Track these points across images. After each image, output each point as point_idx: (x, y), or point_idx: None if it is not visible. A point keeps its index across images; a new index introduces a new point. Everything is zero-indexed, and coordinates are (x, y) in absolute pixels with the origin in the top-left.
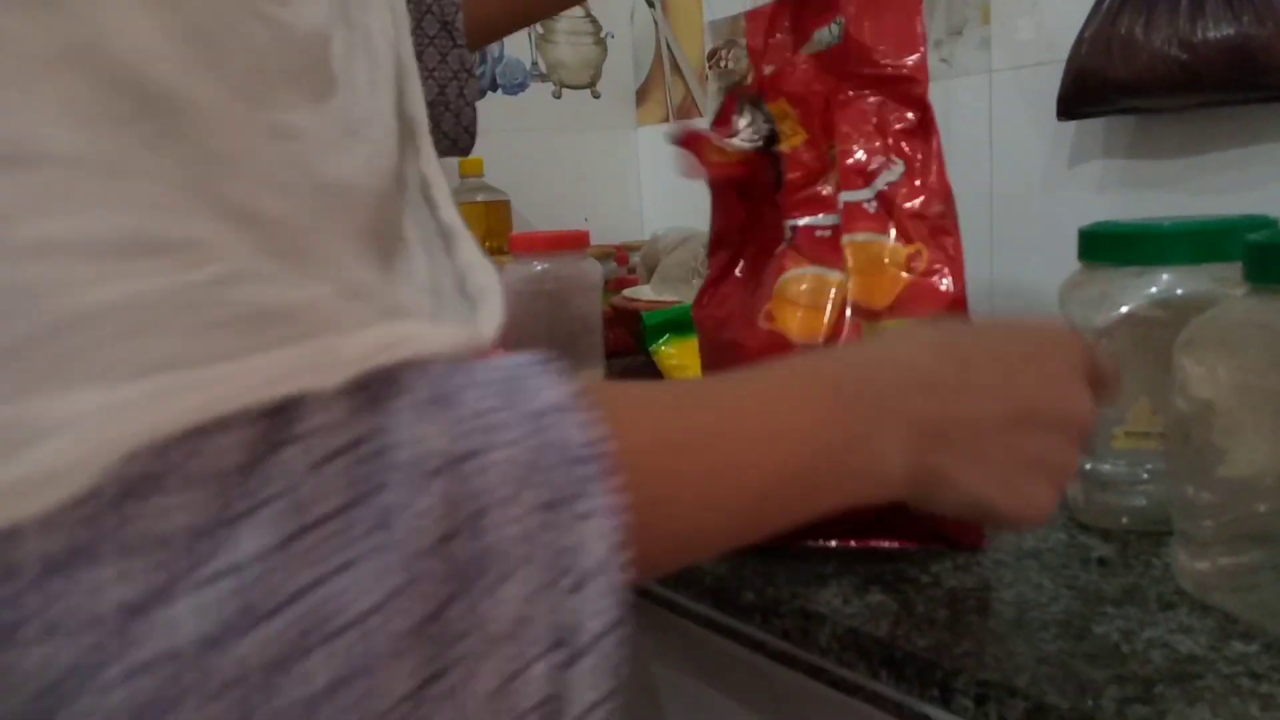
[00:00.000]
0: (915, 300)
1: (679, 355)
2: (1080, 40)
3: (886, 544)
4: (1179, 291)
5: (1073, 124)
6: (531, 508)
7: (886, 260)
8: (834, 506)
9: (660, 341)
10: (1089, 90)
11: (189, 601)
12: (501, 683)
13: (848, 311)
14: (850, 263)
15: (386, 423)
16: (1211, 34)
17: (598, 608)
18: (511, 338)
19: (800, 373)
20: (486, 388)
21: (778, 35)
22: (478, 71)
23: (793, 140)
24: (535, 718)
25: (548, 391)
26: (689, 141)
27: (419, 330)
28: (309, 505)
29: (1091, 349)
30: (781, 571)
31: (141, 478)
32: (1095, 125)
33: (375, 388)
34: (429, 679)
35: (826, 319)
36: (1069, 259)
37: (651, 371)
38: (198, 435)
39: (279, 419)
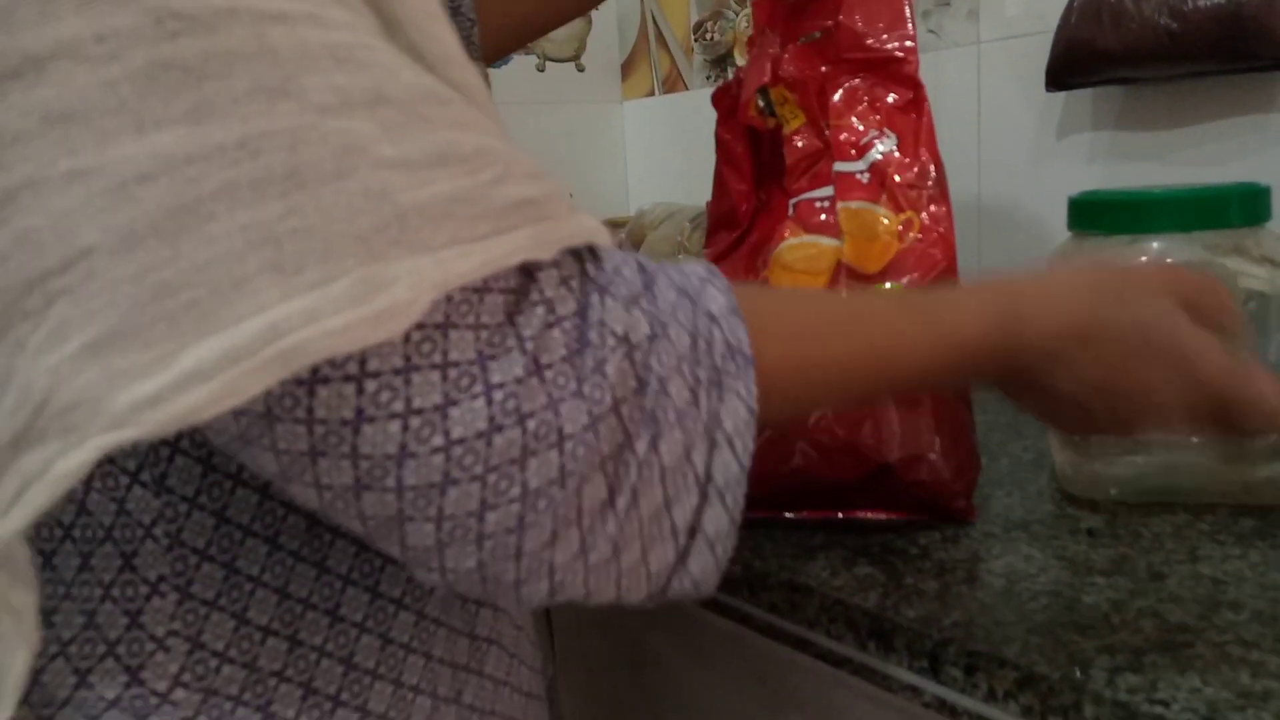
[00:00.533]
0: (907, 265)
1: None
2: (1069, 10)
3: (874, 515)
4: (1169, 260)
5: (1062, 95)
6: (696, 382)
7: (879, 227)
8: (929, 370)
9: None
10: (1078, 60)
11: (464, 408)
12: (659, 508)
13: (842, 276)
14: (844, 228)
15: (602, 301)
16: (1202, 2)
17: (729, 463)
18: None
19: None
20: (675, 290)
21: (778, 25)
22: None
23: (793, 123)
24: (682, 538)
25: (718, 299)
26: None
27: (597, 224)
28: (541, 354)
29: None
30: (769, 544)
31: (443, 321)
32: (1084, 96)
33: (591, 267)
34: (610, 495)
35: (822, 284)
36: (1057, 229)
37: None
38: (475, 293)
39: (527, 287)
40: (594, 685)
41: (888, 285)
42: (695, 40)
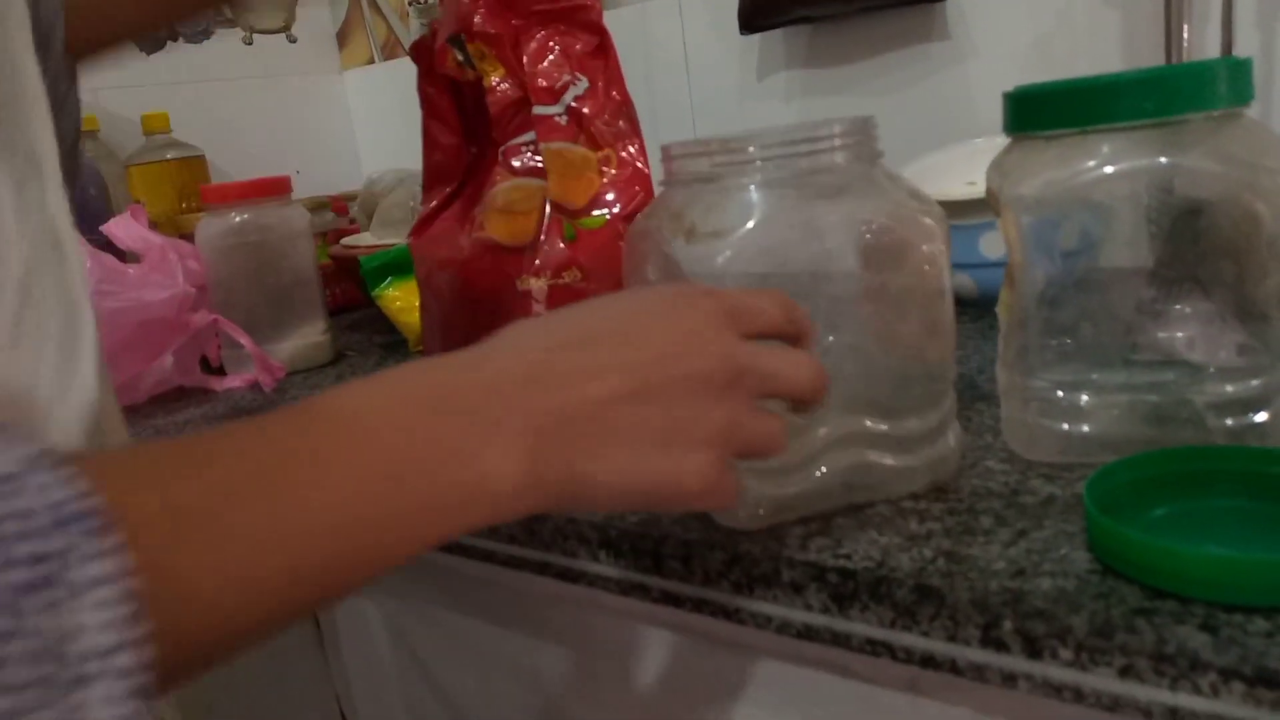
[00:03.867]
0: (609, 199)
1: (404, 297)
2: None
3: None
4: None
5: (757, 38)
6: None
7: (580, 164)
8: (439, 538)
9: (383, 285)
10: (763, 3)
11: None
12: None
13: (549, 212)
14: (547, 168)
15: None
16: None
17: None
18: (218, 299)
19: (384, 396)
20: None
21: None
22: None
23: (493, 75)
24: None
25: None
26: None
27: None
28: None
29: (742, 295)
30: None
31: None
32: (776, 37)
33: None
34: None
35: (533, 222)
36: None
37: (380, 322)
38: None
39: None
40: (367, 659)
41: (594, 214)
42: (410, 4)
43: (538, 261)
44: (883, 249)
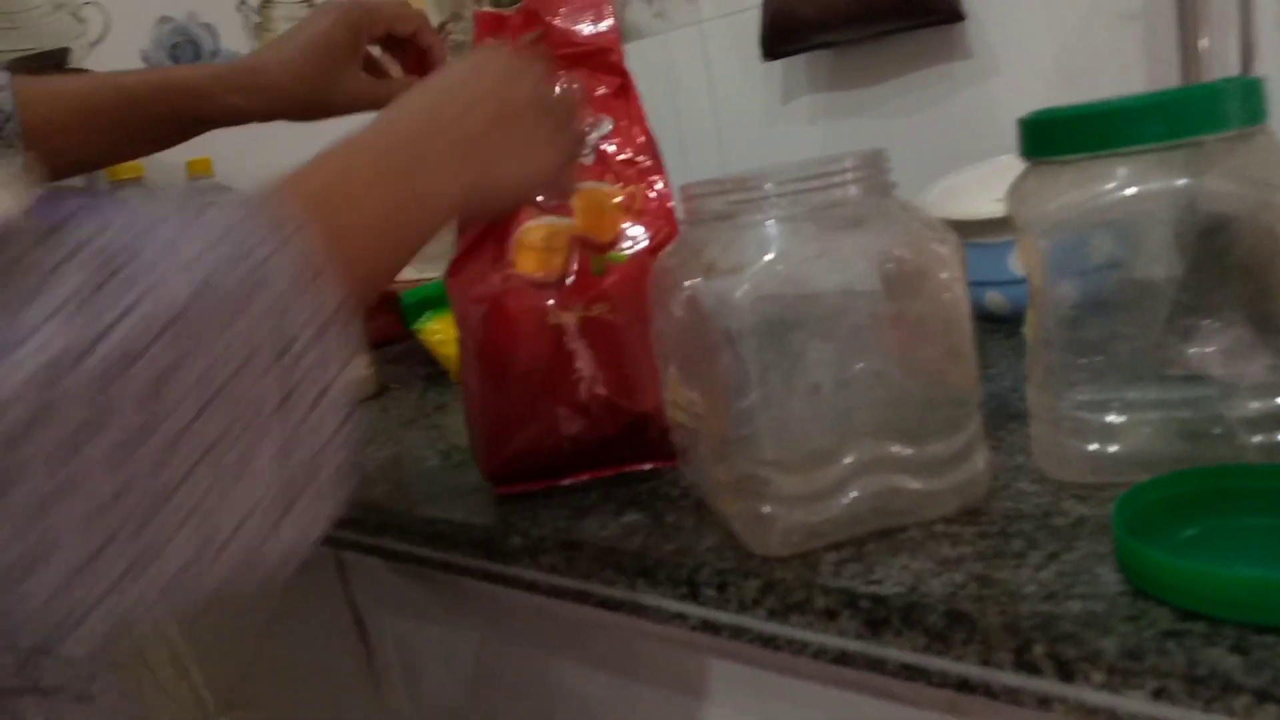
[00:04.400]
0: (634, 232)
1: (443, 330)
2: None
3: (641, 466)
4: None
5: (780, 63)
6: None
7: (606, 203)
8: (433, 227)
9: (423, 319)
10: (784, 30)
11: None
12: (248, 394)
13: (577, 248)
14: (577, 206)
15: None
16: None
17: (305, 317)
18: None
19: (394, 149)
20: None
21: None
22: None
23: None
24: (275, 407)
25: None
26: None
27: None
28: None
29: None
30: (545, 512)
31: None
32: (799, 62)
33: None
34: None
35: (562, 258)
36: None
37: (421, 354)
38: None
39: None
40: (418, 680)
41: (621, 249)
42: None
43: (567, 296)
44: (901, 278)
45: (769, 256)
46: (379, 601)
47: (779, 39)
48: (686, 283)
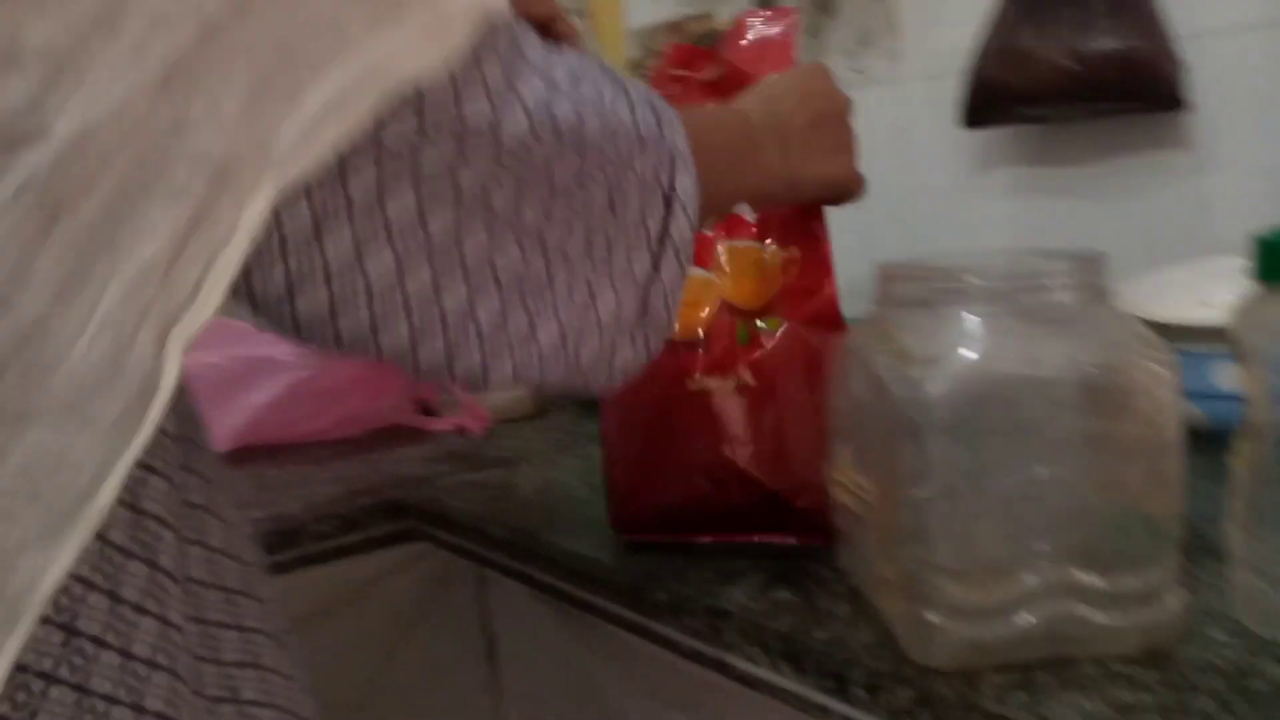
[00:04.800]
0: (788, 301)
1: None
2: (979, 51)
3: (772, 539)
4: None
5: (980, 133)
6: (654, 113)
7: (762, 265)
8: (752, 196)
9: None
10: (988, 100)
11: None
12: (640, 211)
13: (723, 311)
14: (727, 266)
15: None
16: (1100, 47)
17: (686, 181)
18: None
19: (742, 119)
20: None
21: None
22: None
23: None
24: (655, 244)
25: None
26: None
27: None
28: (554, 69)
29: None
30: (691, 571)
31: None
32: (1002, 133)
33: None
34: (609, 200)
35: (704, 315)
36: None
37: None
38: (492, 30)
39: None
40: (538, 710)
41: (772, 318)
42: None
43: (713, 362)
44: (1107, 391)
45: (968, 352)
46: (513, 625)
47: (983, 107)
48: (873, 367)
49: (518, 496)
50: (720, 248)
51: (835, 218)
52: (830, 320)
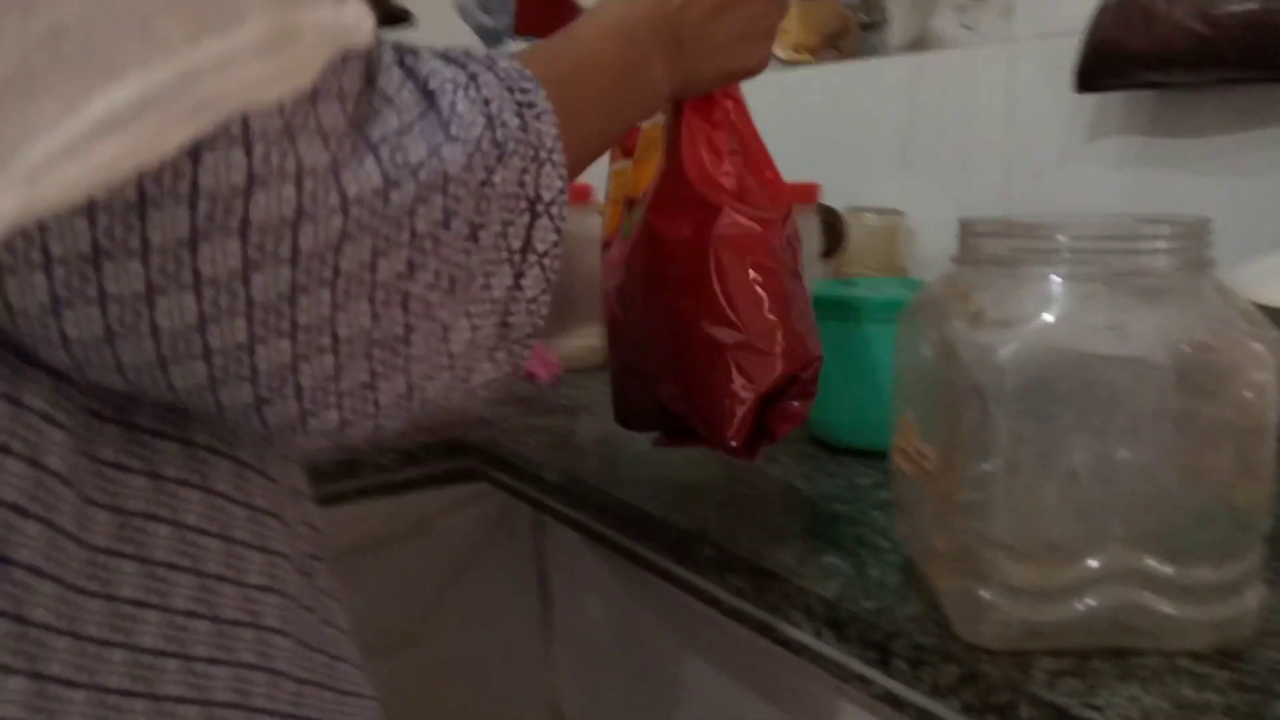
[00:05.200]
0: (657, 189)
1: None
2: (1100, 10)
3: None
4: None
5: (1093, 97)
6: (519, 106)
7: (652, 144)
8: (644, 116)
9: None
10: (1107, 62)
11: (354, 168)
12: (501, 228)
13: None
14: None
15: (422, 58)
16: (1234, 8)
17: (551, 182)
18: None
19: (623, 35)
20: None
21: None
22: None
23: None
24: (518, 248)
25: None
26: None
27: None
28: (405, 111)
29: None
30: (741, 527)
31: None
32: (1115, 99)
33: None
34: (472, 230)
35: (614, 214)
36: None
37: None
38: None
39: (371, 60)
40: (587, 655)
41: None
42: None
43: (607, 261)
44: (1199, 368)
45: (1048, 316)
46: (567, 569)
47: (1099, 71)
48: (944, 326)
49: (576, 444)
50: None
51: (933, 180)
52: (690, 202)
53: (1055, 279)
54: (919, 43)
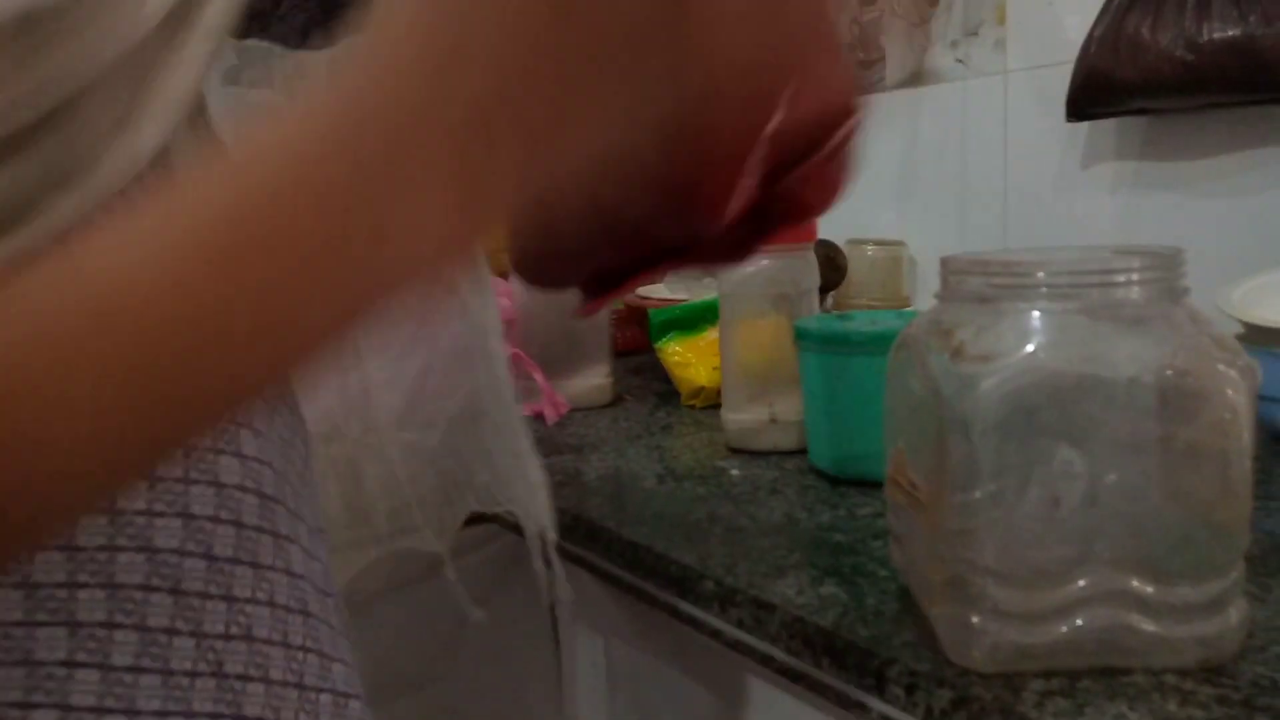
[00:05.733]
0: None
1: (683, 353)
2: (1089, 40)
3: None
4: None
5: (1086, 124)
6: None
7: None
8: (413, 276)
9: (665, 339)
10: (1097, 91)
11: None
12: None
13: None
14: None
15: None
16: (1218, 34)
17: None
18: (521, 333)
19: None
20: None
21: None
22: None
23: None
24: None
25: None
26: None
27: None
28: None
29: None
30: (744, 563)
31: None
32: (1107, 126)
33: None
34: None
35: None
36: None
37: (659, 369)
38: None
39: None
40: (595, 694)
41: None
42: None
43: None
44: (1176, 394)
45: (1028, 348)
46: (575, 607)
47: (1090, 99)
48: (929, 361)
49: (583, 483)
50: None
51: (932, 211)
52: None
53: (1034, 313)
54: (915, 78)
